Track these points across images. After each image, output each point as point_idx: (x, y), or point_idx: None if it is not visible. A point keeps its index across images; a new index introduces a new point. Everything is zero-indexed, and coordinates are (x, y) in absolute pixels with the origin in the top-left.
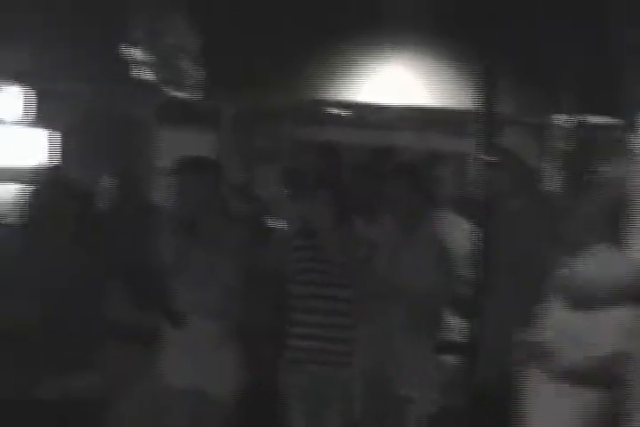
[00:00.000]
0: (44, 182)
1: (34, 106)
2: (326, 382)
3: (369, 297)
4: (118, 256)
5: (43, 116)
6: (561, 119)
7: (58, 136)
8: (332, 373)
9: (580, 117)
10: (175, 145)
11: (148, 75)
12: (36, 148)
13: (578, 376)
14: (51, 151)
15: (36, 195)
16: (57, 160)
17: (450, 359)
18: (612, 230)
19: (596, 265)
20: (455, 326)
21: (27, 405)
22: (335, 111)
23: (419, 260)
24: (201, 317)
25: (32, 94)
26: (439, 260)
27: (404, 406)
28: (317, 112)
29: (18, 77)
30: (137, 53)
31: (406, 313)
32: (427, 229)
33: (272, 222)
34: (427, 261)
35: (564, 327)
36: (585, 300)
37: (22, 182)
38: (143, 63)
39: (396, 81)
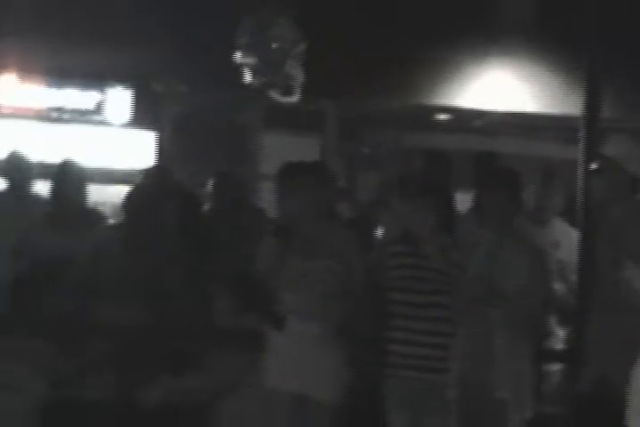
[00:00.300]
0: (148, 183)
1: (140, 108)
2: (425, 387)
3: (468, 303)
4: (221, 259)
5: (149, 119)
6: None
7: (163, 138)
8: (430, 378)
9: None
10: (280, 149)
11: (253, 79)
12: (141, 150)
13: None
14: (156, 153)
15: (140, 196)
16: (162, 162)
17: (550, 365)
18: None
19: None
20: (557, 332)
21: (130, 407)
22: (439, 116)
23: (518, 266)
24: (303, 320)
25: (139, 97)
26: (537, 266)
27: (500, 410)
28: (421, 117)
29: (126, 80)
30: (243, 58)
31: (506, 319)
32: (526, 235)
33: (374, 228)
34: (525, 267)
35: None
36: None
37: (128, 184)
38: (249, 67)
39: (500, 86)
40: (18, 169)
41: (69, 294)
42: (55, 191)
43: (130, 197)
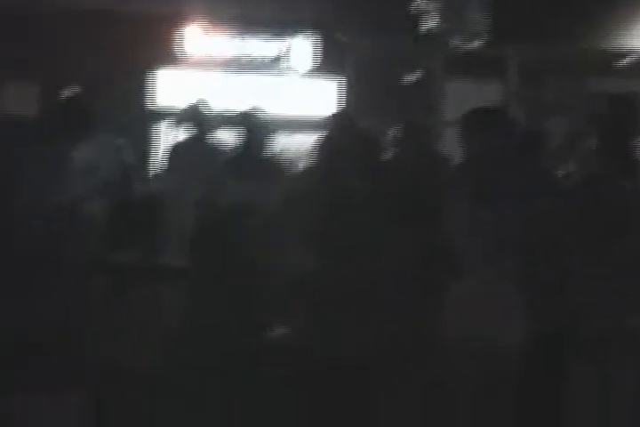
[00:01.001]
0: (334, 130)
1: (324, 56)
2: (605, 336)
3: (623, 258)
4: (404, 206)
5: (333, 67)
6: None
7: (348, 86)
8: (610, 327)
9: None
10: (462, 96)
11: (436, 26)
12: (326, 97)
13: None
14: (340, 101)
15: (326, 142)
16: (346, 109)
17: None
18: None
19: None
20: None
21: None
22: (624, 61)
23: None
24: (484, 266)
25: (323, 45)
26: None
27: None
28: (606, 62)
29: (310, 28)
30: (425, 4)
31: None
32: None
33: (559, 173)
34: None
35: None
36: None
37: (312, 131)
38: (431, 14)
39: None
40: (204, 117)
41: (254, 242)
42: (241, 139)
43: (318, 145)
